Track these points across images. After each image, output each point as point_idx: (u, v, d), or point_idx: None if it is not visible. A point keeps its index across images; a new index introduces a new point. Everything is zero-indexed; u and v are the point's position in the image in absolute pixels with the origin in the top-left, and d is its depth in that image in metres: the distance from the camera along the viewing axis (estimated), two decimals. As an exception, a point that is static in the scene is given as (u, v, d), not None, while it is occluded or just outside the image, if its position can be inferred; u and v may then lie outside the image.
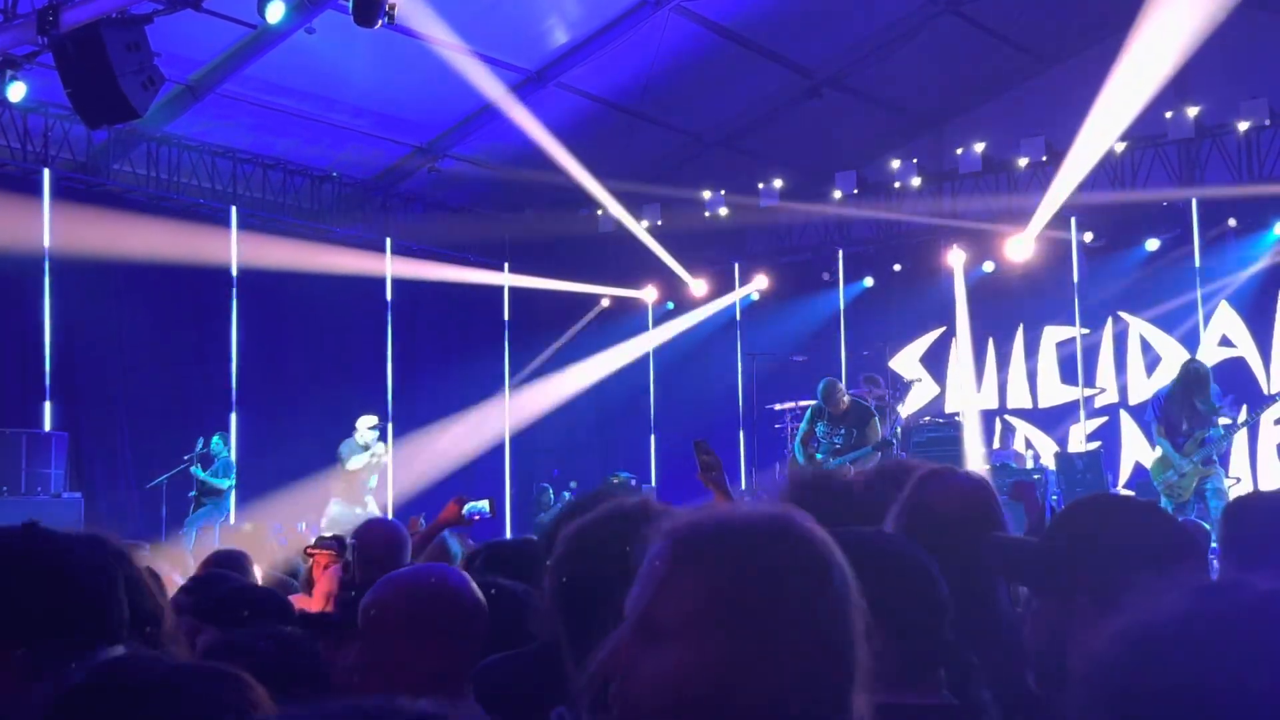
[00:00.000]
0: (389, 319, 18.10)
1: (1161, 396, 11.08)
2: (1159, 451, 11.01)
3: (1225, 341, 16.16)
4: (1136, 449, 16.25)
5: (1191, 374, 10.80)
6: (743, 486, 15.66)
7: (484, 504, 5.74)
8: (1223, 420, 10.98)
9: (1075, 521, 2.24)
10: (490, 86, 15.73)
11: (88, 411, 14.52)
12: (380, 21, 10.13)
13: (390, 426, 17.86)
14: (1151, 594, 1.23)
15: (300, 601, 4.59)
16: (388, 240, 17.96)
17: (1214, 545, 5.28)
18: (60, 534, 2.14)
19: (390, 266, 18.01)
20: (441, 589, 2.54)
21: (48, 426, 14.10)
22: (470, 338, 19.14)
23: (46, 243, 14.43)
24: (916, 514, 2.73)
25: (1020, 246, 16.70)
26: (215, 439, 14.50)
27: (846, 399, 11.93)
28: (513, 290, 19.68)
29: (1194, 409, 10.59)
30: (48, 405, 14.30)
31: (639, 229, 18.32)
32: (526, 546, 4.22)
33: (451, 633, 2.47)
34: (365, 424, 14.99)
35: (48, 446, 13.39)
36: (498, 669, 2.79)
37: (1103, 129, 15.08)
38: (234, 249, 16.17)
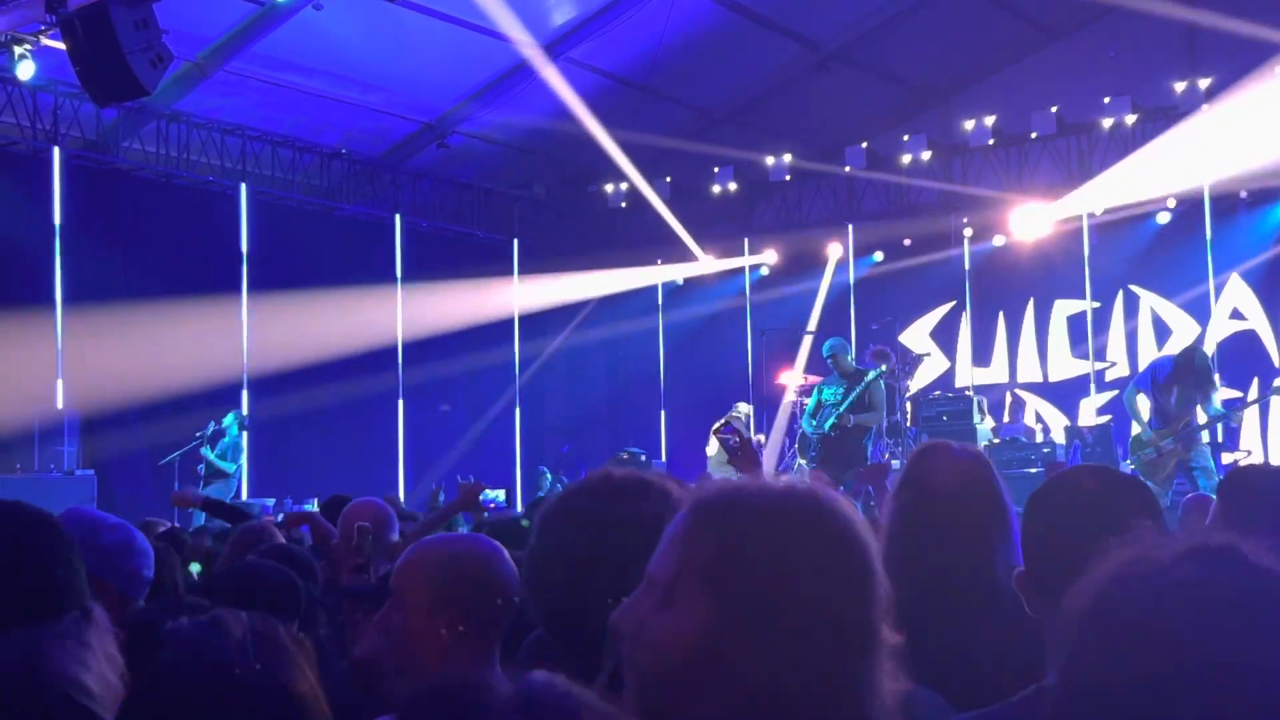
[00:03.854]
0: (398, 295, 18.10)
1: (1162, 367, 11.03)
2: (1136, 428, 11.04)
3: (1236, 314, 16.12)
4: (1147, 422, 16.23)
5: (1198, 362, 10.76)
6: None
7: (500, 493, 5.80)
8: (1222, 396, 10.97)
9: (1034, 501, 2.32)
10: (499, 63, 15.73)
11: (100, 389, 14.56)
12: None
13: (401, 404, 17.94)
14: (1139, 543, 1.24)
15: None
16: (397, 217, 17.98)
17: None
18: (12, 506, 2.14)
19: (400, 242, 18.06)
20: (467, 558, 2.55)
21: (60, 404, 14.16)
22: (480, 315, 19.11)
23: (57, 220, 14.47)
24: (914, 489, 2.75)
25: (1031, 220, 16.68)
26: (228, 417, 14.53)
27: (851, 362, 12.15)
28: (522, 265, 19.65)
29: (1189, 396, 10.55)
30: (60, 383, 14.36)
31: (655, 199, 18.25)
32: (516, 526, 4.27)
33: (474, 601, 2.46)
34: (742, 409, 15.74)
35: (60, 424, 13.46)
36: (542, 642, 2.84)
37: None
38: (244, 225, 16.21)
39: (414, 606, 2.45)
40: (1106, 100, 16.24)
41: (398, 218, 17.99)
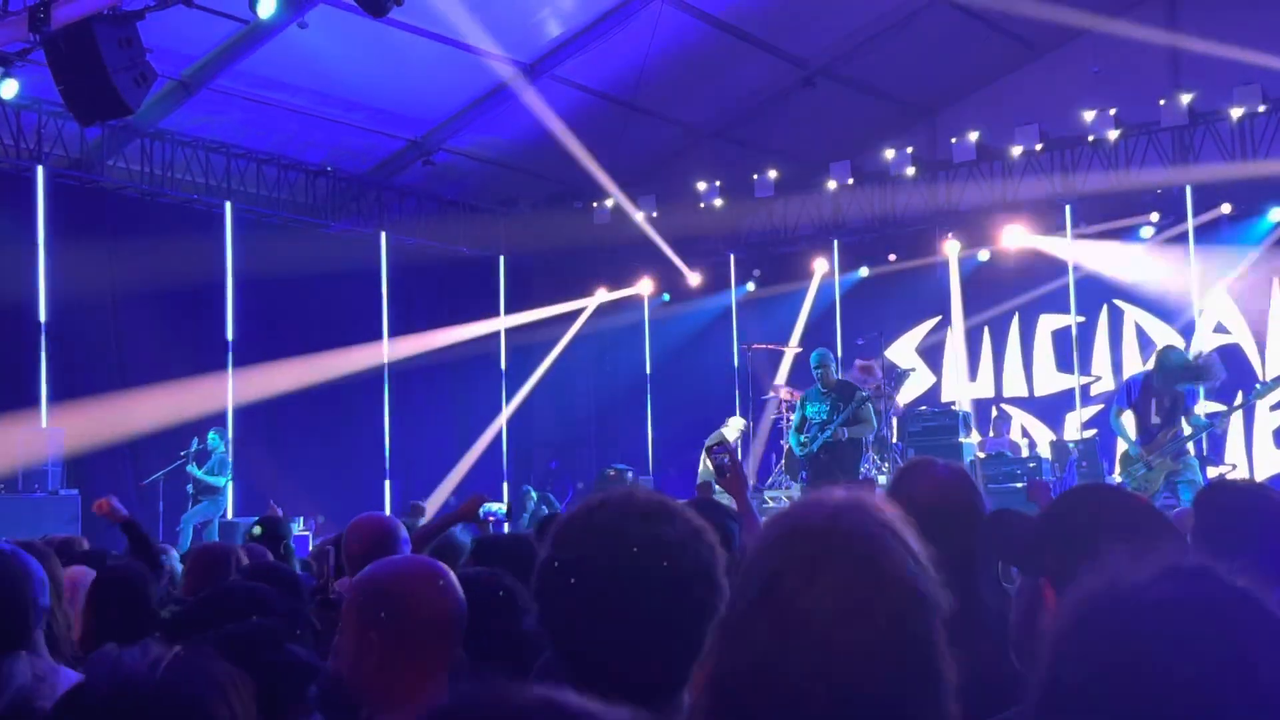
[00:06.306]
0: (384, 311, 18.08)
1: (1135, 383, 11.02)
2: (1124, 446, 11.02)
3: (1220, 328, 16.17)
4: (1132, 436, 16.25)
5: (1172, 362, 10.73)
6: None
7: (501, 506, 5.75)
8: (1204, 408, 10.95)
9: (1064, 504, 2.28)
10: (484, 80, 15.74)
11: (84, 407, 14.50)
12: (389, 8, 10.05)
13: (387, 424, 17.90)
14: (1117, 564, 1.25)
15: None
16: (383, 235, 17.96)
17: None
18: None
19: (386, 259, 18.05)
20: (395, 579, 2.53)
21: (44, 423, 14.10)
22: (467, 331, 19.10)
23: (42, 240, 14.43)
24: (897, 506, 2.74)
25: (1015, 235, 16.77)
26: (211, 435, 14.50)
27: (837, 375, 12.20)
28: (510, 284, 19.66)
29: (1173, 401, 10.51)
30: (44, 401, 14.30)
31: (639, 218, 18.30)
32: (517, 542, 4.22)
33: (404, 622, 2.44)
34: (736, 424, 15.47)
35: (44, 443, 13.39)
36: None
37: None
38: (229, 244, 16.18)
39: (348, 626, 2.49)
40: (1090, 116, 16.31)
41: (383, 235, 17.98)
